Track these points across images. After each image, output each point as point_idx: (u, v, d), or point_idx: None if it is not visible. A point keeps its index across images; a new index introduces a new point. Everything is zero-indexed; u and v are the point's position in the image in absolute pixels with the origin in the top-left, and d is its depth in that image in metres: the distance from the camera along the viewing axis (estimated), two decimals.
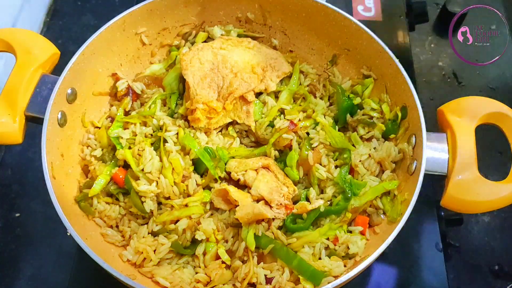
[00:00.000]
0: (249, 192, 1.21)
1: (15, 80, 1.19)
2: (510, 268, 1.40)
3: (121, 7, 1.34)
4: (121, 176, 1.22)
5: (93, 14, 1.85)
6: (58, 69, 1.24)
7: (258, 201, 1.20)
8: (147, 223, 1.21)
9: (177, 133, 1.25)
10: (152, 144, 1.25)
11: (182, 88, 1.34)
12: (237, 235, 1.19)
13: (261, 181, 1.21)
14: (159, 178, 1.19)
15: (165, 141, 1.23)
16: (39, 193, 1.48)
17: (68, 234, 1.05)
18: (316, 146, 1.25)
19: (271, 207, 1.19)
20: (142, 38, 1.37)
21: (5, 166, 1.54)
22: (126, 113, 1.33)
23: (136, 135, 1.26)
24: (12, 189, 1.50)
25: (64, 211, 1.07)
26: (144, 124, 1.29)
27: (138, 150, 1.23)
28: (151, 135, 1.27)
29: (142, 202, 1.19)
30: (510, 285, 1.31)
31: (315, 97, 1.37)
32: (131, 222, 1.23)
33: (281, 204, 1.19)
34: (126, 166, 1.24)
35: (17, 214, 1.45)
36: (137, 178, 1.20)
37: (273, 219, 1.18)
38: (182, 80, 1.33)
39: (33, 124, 1.19)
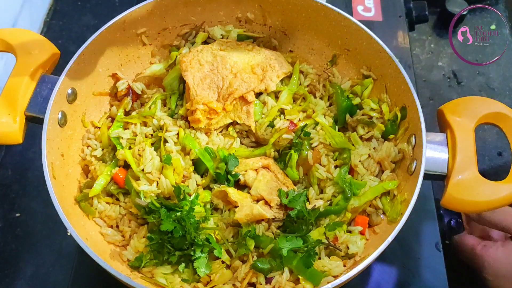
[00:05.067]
0: (249, 192, 1.21)
1: (15, 80, 1.19)
2: None
3: (121, 7, 1.34)
4: (121, 176, 1.22)
5: (93, 14, 1.85)
6: (58, 69, 1.24)
7: (258, 201, 1.20)
8: (147, 223, 1.21)
9: (178, 133, 1.25)
10: (152, 144, 1.25)
11: (182, 89, 1.34)
12: (237, 235, 1.19)
13: (261, 181, 1.21)
14: (159, 178, 1.19)
15: (165, 141, 1.24)
16: (39, 193, 1.48)
17: (68, 234, 1.05)
18: (316, 146, 1.25)
19: (271, 207, 1.19)
20: (142, 38, 1.37)
21: (5, 166, 1.54)
22: (126, 113, 1.33)
23: (136, 135, 1.27)
24: (12, 189, 1.50)
25: (64, 211, 1.07)
26: (144, 124, 1.29)
27: (139, 150, 1.23)
28: (152, 135, 1.27)
29: None
30: None
31: (315, 97, 1.37)
32: (131, 222, 1.23)
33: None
34: (126, 166, 1.24)
35: (17, 214, 1.45)
36: (137, 178, 1.20)
37: (273, 219, 1.18)
38: (182, 81, 1.33)
39: (33, 124, 1.19)
